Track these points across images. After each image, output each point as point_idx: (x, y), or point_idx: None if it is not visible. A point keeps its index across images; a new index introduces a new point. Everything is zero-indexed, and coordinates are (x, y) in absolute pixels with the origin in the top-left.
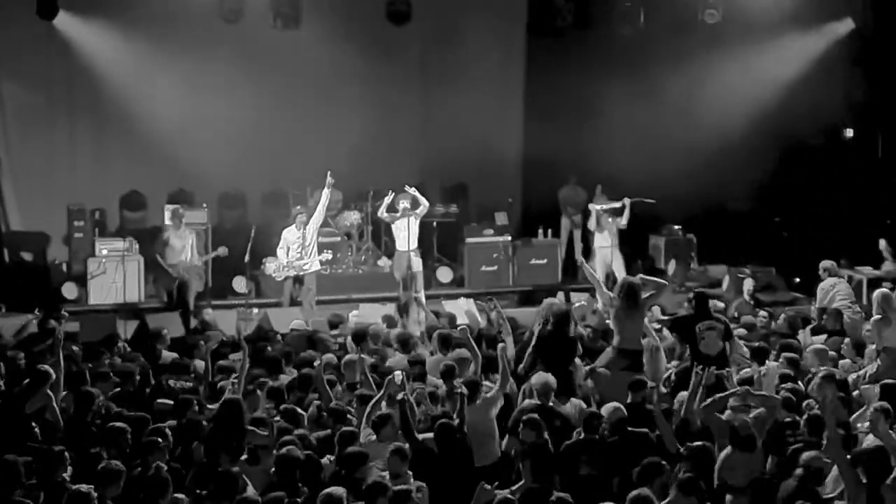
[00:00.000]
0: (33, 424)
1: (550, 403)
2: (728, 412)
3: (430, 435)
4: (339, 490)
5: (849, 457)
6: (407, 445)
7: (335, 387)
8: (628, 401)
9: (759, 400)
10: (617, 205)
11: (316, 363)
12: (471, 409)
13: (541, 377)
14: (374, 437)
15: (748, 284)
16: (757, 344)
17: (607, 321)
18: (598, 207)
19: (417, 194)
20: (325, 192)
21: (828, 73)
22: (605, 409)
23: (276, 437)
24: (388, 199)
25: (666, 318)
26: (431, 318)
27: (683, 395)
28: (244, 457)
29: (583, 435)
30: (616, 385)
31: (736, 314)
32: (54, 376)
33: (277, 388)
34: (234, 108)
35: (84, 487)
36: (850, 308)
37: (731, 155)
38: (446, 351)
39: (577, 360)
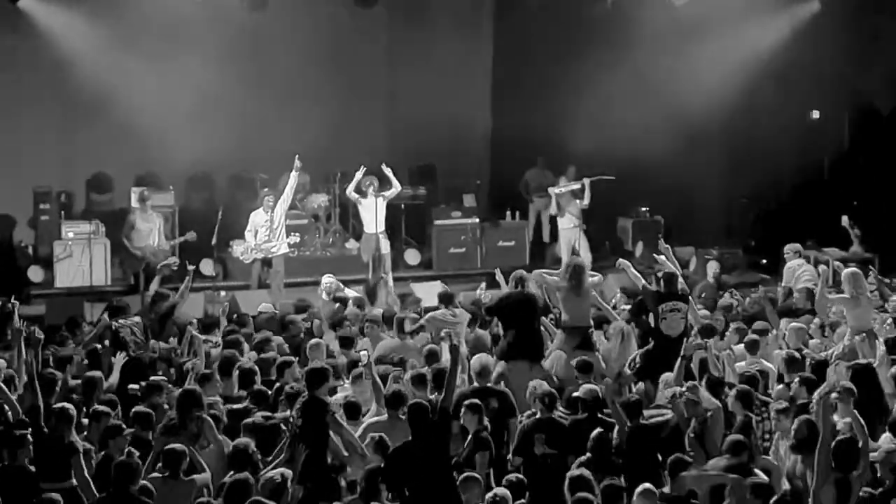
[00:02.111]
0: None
1: (488, 384)
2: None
3: None
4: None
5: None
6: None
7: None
8: (579, 382)
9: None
10: (576, 186)
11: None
12: None
13: (479, 358)
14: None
15: (713, 267)
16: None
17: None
18: (557, 191)
19: (391, 175)
20: (293, 175)
21: (797, 53)
22: (584, 390)
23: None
24: (358, 175)
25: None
26: (392, 301)
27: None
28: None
29: (539, 415)
30: (571, 366)
31: (701, 296)
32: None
33: (249, 369)
34: (201, 90)
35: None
36: (816, 288)
37: (700, 134)
38: (404, 335)
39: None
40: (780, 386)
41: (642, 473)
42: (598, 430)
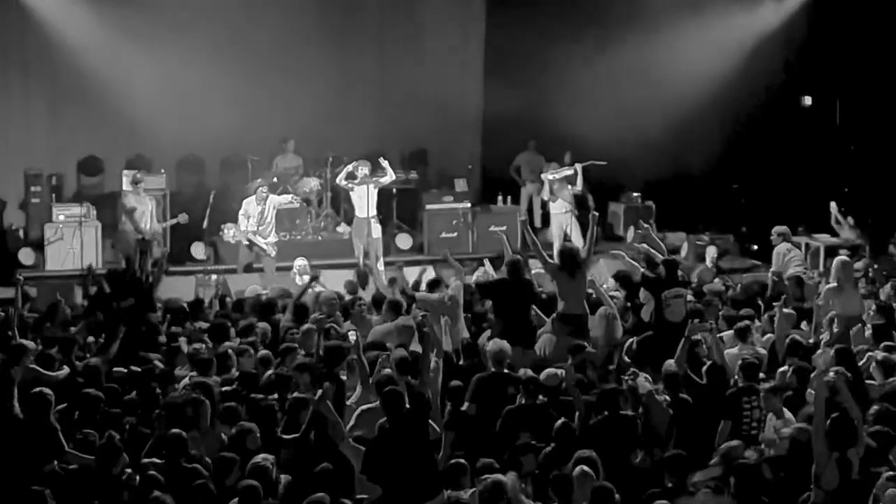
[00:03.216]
0: None
1: (505, 370)
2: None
3: None
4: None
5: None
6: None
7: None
8: (569, 363)
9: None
10: (568, 172)
11: None
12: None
13: (496, 343)
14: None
15: (712, 252)
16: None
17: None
18: (550, 177)
19: (387, 165)
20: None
21: (787, 38)
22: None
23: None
24: (348, 168)
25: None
26: (381, 284)
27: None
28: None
29: (523, 400)
30: (561, 350)
31: (697, 281)
32: None
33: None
34: (192, 73)
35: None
36: (805, 273)
37: (691, 121)
38: (394, 317)
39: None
40: (784, 368)
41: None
42: (562, 419)
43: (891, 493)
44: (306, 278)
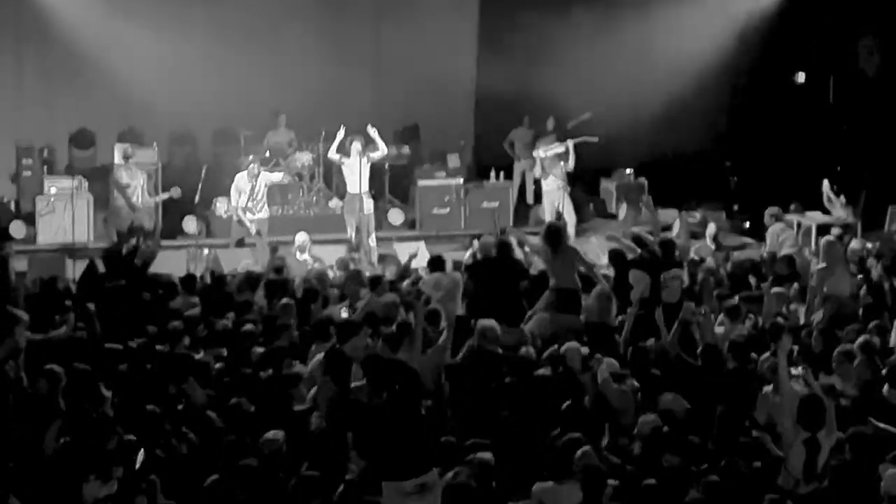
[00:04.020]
0: None
1: (498, 350)
2: None
3: None
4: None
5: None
6: None
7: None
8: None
9: None
10: (560, 149)
11: None
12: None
13: (484, 322)
14: None
15: (711, 228)
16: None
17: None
18: (542, 154)
19: (377, 137)
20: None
21: (780, 15)
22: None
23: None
24: (339, 135)
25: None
26: (375, 260)
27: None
28: None
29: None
30: (556, 325)
31: (697, 258)
32: None
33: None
34: (184, 46)
35: None
36: (799, 254)
37: (684, 98)
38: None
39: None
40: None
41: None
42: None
43: (892, 472)
44: (307, 256)
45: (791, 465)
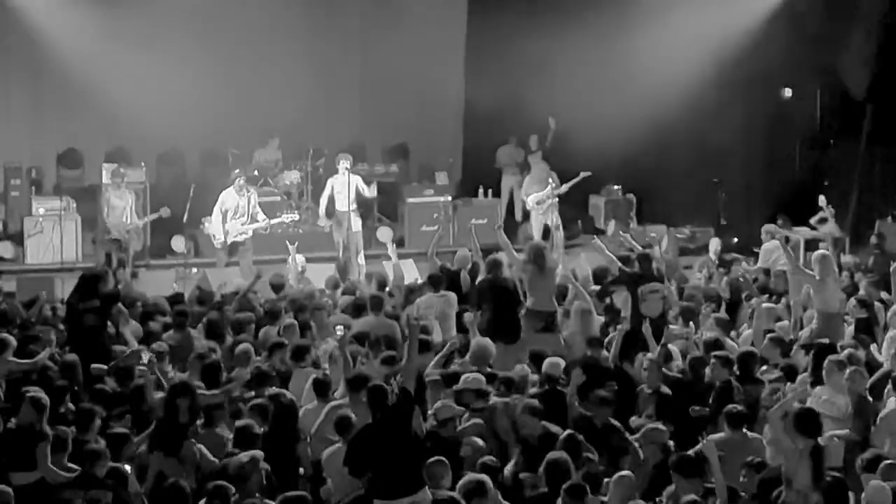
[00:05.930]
0: None
1: (489, 369)
2: None
3: None
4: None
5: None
6: None
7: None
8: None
9: None
10: (548, 201)
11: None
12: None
13: (479, 342)
14: None
15: (715, 244)
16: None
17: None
18: (530, 203)
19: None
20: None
21: (771, 32)
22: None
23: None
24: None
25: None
26: (363, 279)
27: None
28: (200, 420)
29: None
30: (531, 346)
31: (701, 273)
32: None
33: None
34: (172, 65)
35: None
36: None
37: (672, 114)
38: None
39: None
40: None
41: None
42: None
43: (874, 483)
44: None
45: (797, 482)
